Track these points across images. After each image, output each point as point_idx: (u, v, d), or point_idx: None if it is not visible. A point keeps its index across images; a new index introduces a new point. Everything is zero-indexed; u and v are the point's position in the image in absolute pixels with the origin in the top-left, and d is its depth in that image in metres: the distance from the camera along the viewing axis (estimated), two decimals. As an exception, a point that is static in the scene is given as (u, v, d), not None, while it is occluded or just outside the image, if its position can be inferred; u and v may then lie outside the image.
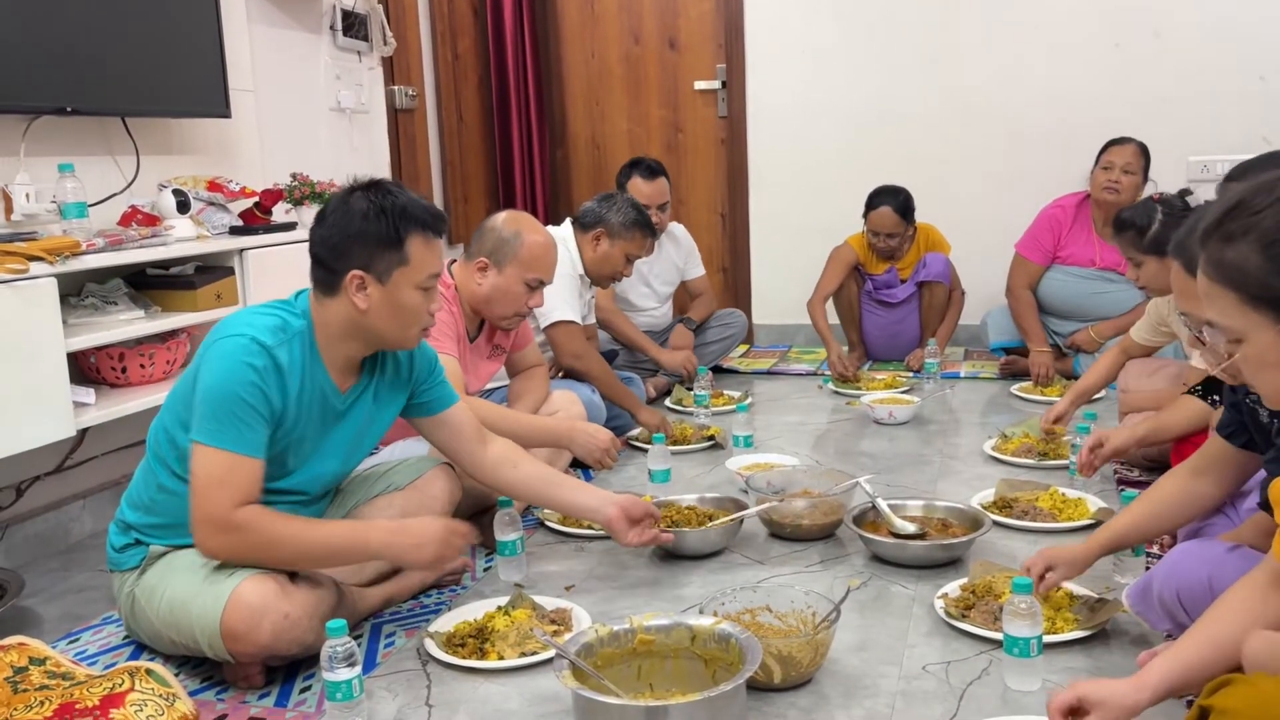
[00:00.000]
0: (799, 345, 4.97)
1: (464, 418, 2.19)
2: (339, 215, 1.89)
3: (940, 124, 4.63)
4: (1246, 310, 1.23)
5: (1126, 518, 1.92)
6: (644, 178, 3.98)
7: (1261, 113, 4.20)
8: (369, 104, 4.09)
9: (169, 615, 1.86)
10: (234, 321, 1.89)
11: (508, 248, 2.59)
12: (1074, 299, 3.93)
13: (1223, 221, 1.25)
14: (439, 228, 1.95)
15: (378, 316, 1.91)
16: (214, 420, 1.80)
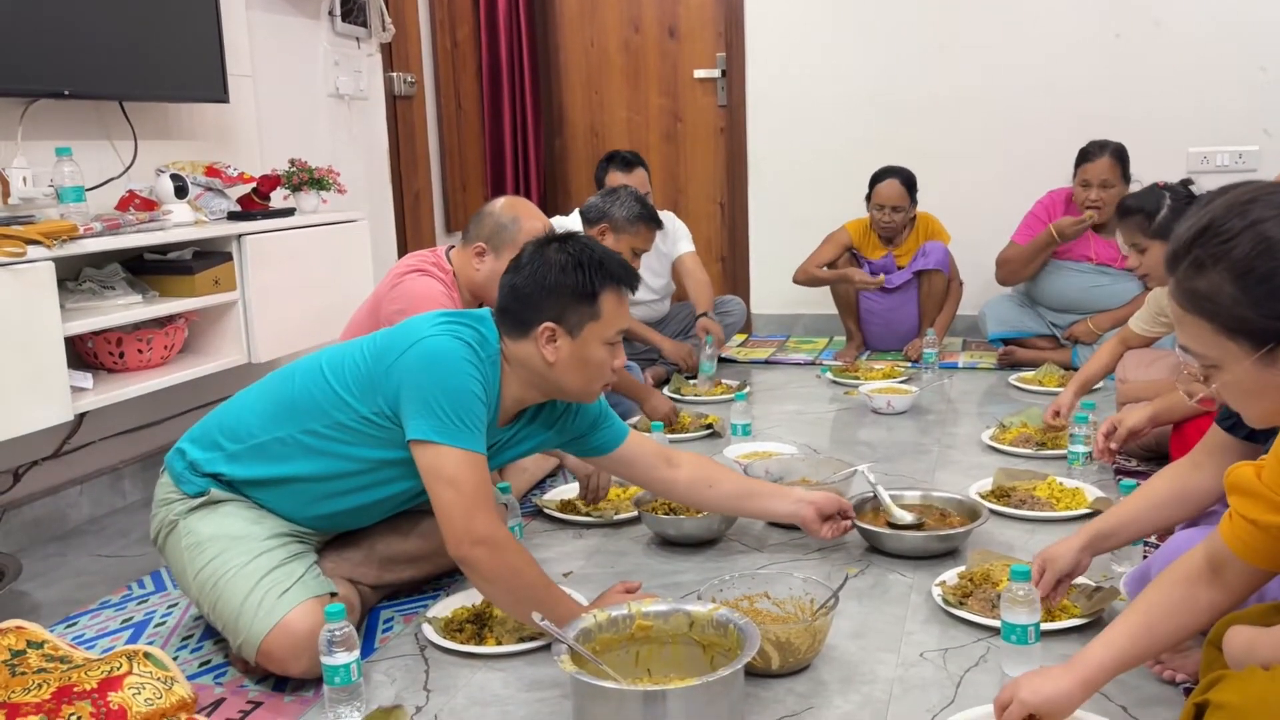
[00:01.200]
0: (797, 335, 4.97)
1: (643, 448, 2.17)
2: (535, 265, 1.87)
3: (940, 114, 4.62)
4: (1221, 340, 1.19)
5: (1121, 511, 1.89)
6: (621, 170, 3.97)
7: (1262, 104, 4.20)
8: (367, 90, 4.08)
9: (210, 590, 1.84)
10: (434, 322, 1.85)
11: (505, 233, 2.59)
12: (1071, 292, 3.93)
13: (1192, 247, 1.21)
14: (633, 284, 1.93)
15: (564, 370, 1.88)
16: (452, 419, 1.77)
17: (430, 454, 1.78)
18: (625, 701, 1.53)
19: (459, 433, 1.77)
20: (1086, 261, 3.89)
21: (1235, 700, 1.13)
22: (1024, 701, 1.35)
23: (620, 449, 2.14)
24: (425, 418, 1.77)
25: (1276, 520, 1.29)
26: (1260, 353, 1.15)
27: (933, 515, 2.40)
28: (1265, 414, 1.21)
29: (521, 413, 2.02)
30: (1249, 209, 1.17)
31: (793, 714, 1.69)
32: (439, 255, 2.65)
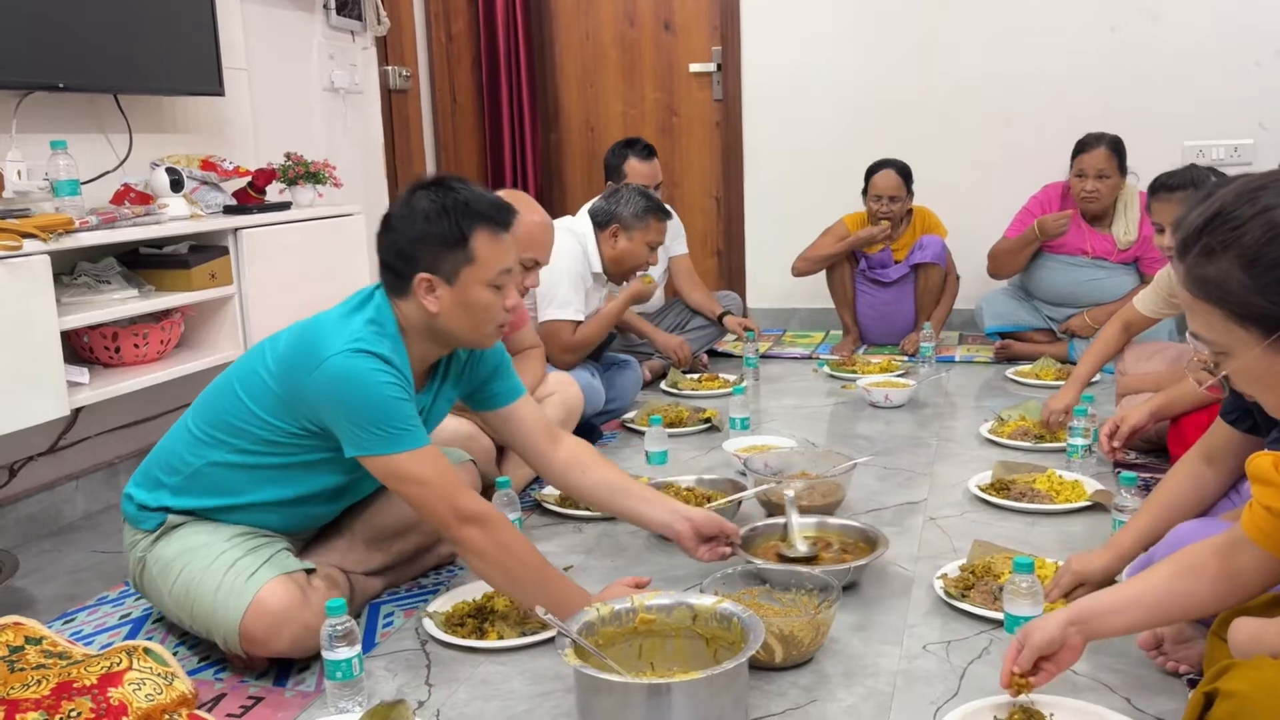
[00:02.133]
0: (793, 329, 4.97)
1: (531, 414, 2.15)
2: (403, 218, 1.85)
3: (936, 108, 4.62)
4: (1231, 326, 1.19)
5: (1146, 517, 1.90)
6: (640, 158, 3.97)
7: (1257, 98, 4.21)
8: (363, 84, 4.06)
9: (184, 598, 1.84)
10: (332, 335, 1.81)
11: None
12: (1068, 286, 3.93)
13: (1202, 234, 1.20)
14: (505, 221, 1.89)
15: (450, 318, 1.87)
16: (386, 430, 1.77)
17: (379, 465, 1.79)
18: (629, 694, 1.52)
19: (398, 438, 1.77)
20: (1083, 255, 3.88)
21: (1245, 689, 1.13)
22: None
23: (511, 408, 2.11)
24: (359, 435, 1.77)
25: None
26: (1270, 339, 1.14)
27: (827, 547, 2.20)
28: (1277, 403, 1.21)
29: (434, 372, 2.01)
30: (1259, 196, 1.17)
31: (796, 707, 1.68)
32: None
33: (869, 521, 2.33)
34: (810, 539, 2.21)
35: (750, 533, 2.20)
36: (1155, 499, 1.93)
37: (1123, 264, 3.86)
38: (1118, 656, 1.78)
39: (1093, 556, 1.92)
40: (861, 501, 2.59)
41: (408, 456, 1.78)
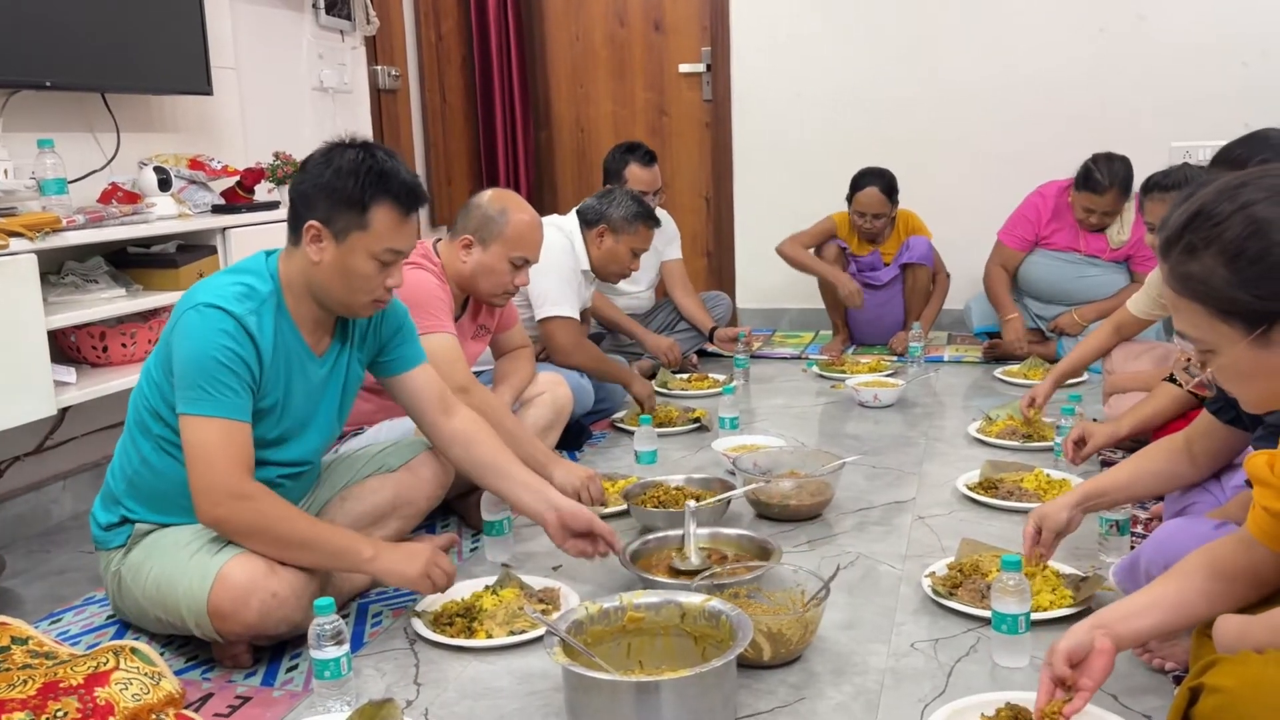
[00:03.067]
0: (783, 329, 4.97)
1: (426, 382, 2.15)
2: (318, 164, 1.88)
3: (924, 109, 4.63)
4: (1215, 323, 1.19)
5: (1114, 476, 1.97)
6: (641, 164, 3.97)
7: (1243, 99, 4.21)
8: (352, 84, 4.05)
9: (155, 593, 1.84)
10: (199, 290, 1.87)
11: (493, 225, 2.58)
12: (1058, 283, 3.94)
13: (1184, 232, 1.21)
14: (411, 204, 1.89)
15: (327, 273, 1.88)
16: (198, 389, 1.79)
17: (181, 424, 1.80)
18: (618, 693, 1.52)
19: (202, 400, 1.78)
20: (1075, 252, 3.90)
21: (1230, 684, 1.13)
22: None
23: (409, 374, 2.12)
24: (180, 391, 1.80)
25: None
26: (1254, 334, 1.15)
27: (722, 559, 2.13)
28: (1261, 397, 1.22)
29: (336, 335, 2.01)
30: (1239, 193, 1.18)
31: (785, 705, 1.69)
32: (427, 248, 2.63)
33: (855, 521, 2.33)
34: (704, 550, 2.16)
35: (643, 545, 2.16)
36: (1128, 462, 2.00)
37: (1114, 263, 3.87)
38: (1105, 654, 1.79)
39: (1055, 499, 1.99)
40: (850, 501, 2.59)
41: (198, 420, 1.78)
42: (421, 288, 2.50)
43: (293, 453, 2.00)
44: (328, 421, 2.06)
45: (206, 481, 1.78)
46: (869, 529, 2.44)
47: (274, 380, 1.89)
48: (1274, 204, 1.14)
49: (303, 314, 1.94)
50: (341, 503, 2.16)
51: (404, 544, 2.01)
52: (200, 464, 1.78)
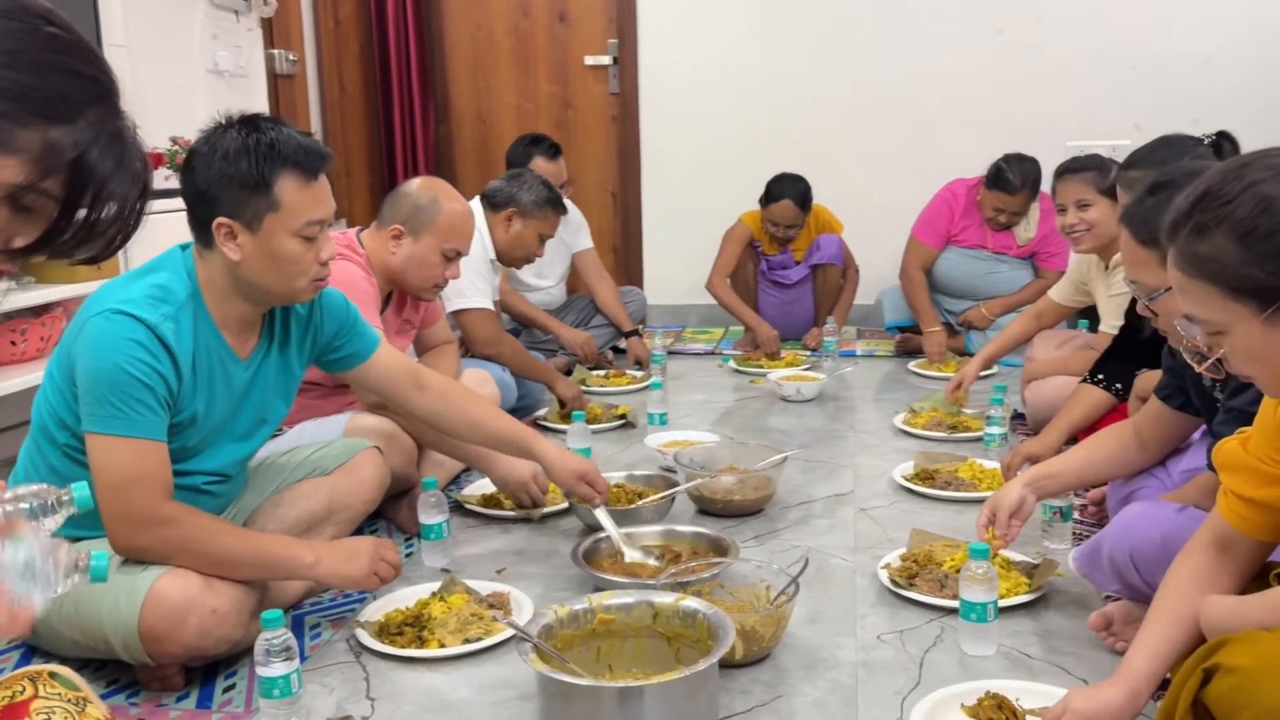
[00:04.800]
0: (693, 325, 4.95)
1: (392, 362, 2.05)
2: (203, 155, 1.71)
3: (833, 104, 4.68)
4: (1228, 302, 1.19)
5: (1065, 460, 2.00)
6: (546, 157, 3.89)
7: (1134, 100, 4.40)
8: (248, 67, 3.85)
9: (73, 615, 1.67)
10: (107, 293, 1.70)
11: (424, 215, 2.46)
12: (966, 278, 4.02)
13: (1192, 213, 1.21)
14: (315, 167, 1.74)
15: (254, 269, 1.74)
16: (107, 406, 1.63)
17: (90, 445, 1.65)
18: (600, 699, 1.45)
19: (100, 415, 1.64)
20: (983, 249, 3.99)
21: (1246, 663, 1.13)
22: (1078, 710, 1.33)
23: (371, 361, 2.02)
24: (87, 406, 1.65)
25: (1269, 493, 1.32)
26: (1268, 312, 1.15)
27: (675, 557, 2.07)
28: (1278, 378, 1.22)
29: (260, 335, 1.88)
30: (1244, 172, 1.18)
31: (763, 704, 1.64)
32: (351, 238, 2.50)
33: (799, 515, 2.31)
34: (657, 548, 2.12)
35: (595, 544, 2.10)
36: (1079, 446, 2.03)
37: (1020, 259, 3.98)
38: (1068, 639, 1.80)
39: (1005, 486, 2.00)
40: (790, 495, 2.57)
41: (108, 440, 1.63)
42: (347, 280, 2.36)
43: (214, 461, 1.85)
44: (254, 425, 1.91)
45: (121, 510, 1.63)
46: (813, 522, 2.42)
47: (193, 393, 1.74)
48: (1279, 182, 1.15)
49: (227, 316, 1.79)
50: (273, 509, 2.02)
51: (343, 542, 1.91)
52: (112, 491, 1.62)
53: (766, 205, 4.13)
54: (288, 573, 1.82)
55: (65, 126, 0.88)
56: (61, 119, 0.88)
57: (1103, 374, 2.50)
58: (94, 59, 0.93)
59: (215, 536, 1.71)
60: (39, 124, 0.86)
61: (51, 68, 0.88)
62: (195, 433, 1.78)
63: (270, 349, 1.89)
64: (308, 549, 1.80)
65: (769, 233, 4.22)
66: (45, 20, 0.89)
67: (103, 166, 1.22)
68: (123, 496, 1.62)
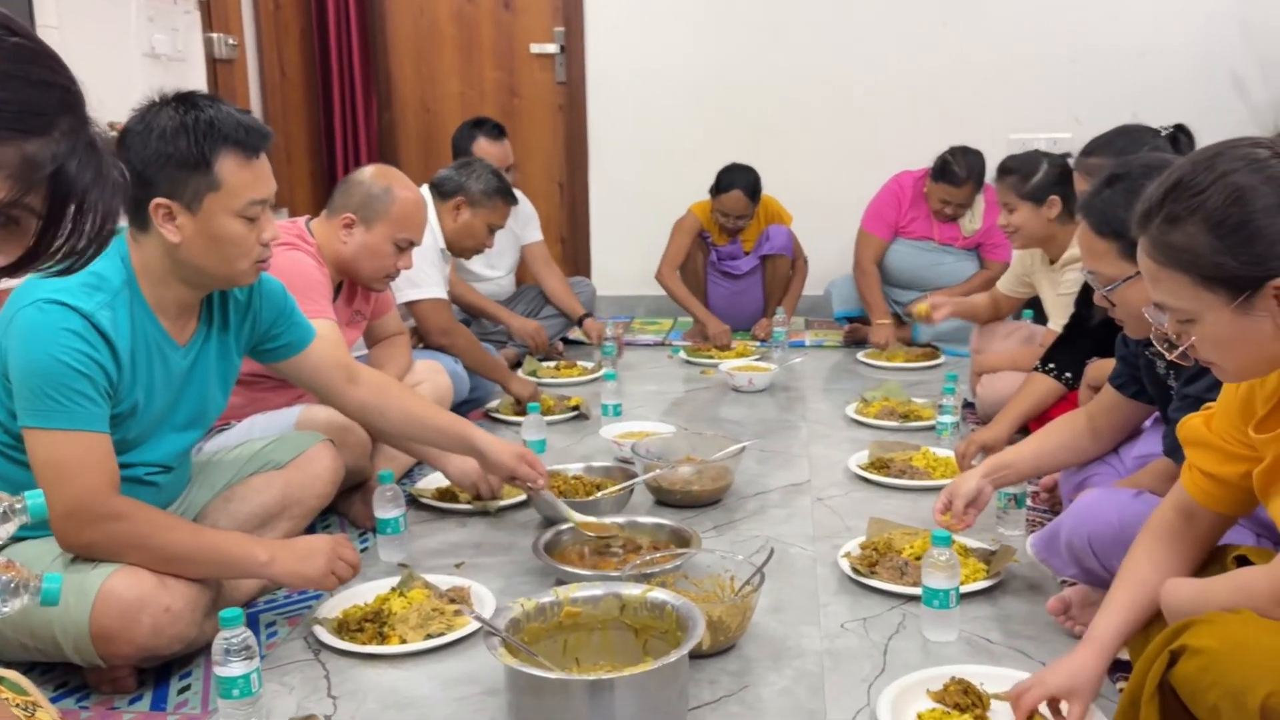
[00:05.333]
0: (641, 316, 4.94)
1: (326, 357, 2.00)
2: (138, 135, 1.64)
3: (781, 95, 4.69)
4: (1199, 291, 1.21)
5: (1019, 450, 2.02)
6: (490, 139, 3.85)
7: (1073, 93, 4.48)
8: (185, 51, 3.74)
9: (20, 618, 1.59)
10: (37, 284, 1.63)
11: (377, 204, 2.41)
12: (914, 270, 4.07)
13: (1165, 203, 1.23)
14: (257, 145, 1.69)
15: (194, 250, 1.68)
16: (46, 399, 1.57)
17: (31, 441, 1.60)
18: (572, 692, 1.43)
19: (39, 409, 1.58)
20: (930, 241, 4.03)
21: (1213, 645, 1.15)
22: (1047, 683, 1.37)
23: (304, 354, 1.98)
24: (23, 401, 1.59)
25: (1230, 470, 1.35)
26: (1238, 301, 1.17)
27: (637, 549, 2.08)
28: (1242, 366, 1.24)
29: (199, 320, 1.83)
30: (1215, 163, 1.20)
31: (731, 694, 1.64)
32: (301, 228, 2.44)
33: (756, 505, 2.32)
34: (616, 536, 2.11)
35: (557, 535, 2.09)
36: (1036, 437, 2.05)
37: (966, 250, 4.03)
38: (1027, 623, 1.83)
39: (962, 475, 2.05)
40: (747, 485, 2.58)
41: (59, 436, 1.57)
42: (298, 270, 2.31)
43: (156, 453, 1.79)
44: (196, 414, 1.86)
45: (67, 506, 1.56)
46: (771, 512, 2.42)
47: (133, 382, 1.68)
48: (1250, 172, 1.17)
49: (164, 301, 1.73)
50: (225, 504, 1.96)
51: (298, 540, 1.87)
52: (57, 486, 1.55)
53: (717, 196, 4.12)
54: (242, 571, 1.78)
55: (41, 139, 0.85)
56: (36, 132, 0.85)
57: (1053, 363, 2.53)
58: (59, 66, 0.90)
59: (167, 531, 1.66)
60: (15, 138, 0.83)
61: (20, 79, 0.85)
62: (135, 424, 1.72)
63: (210, 334, 1.84)
64: (262, 547, 1.76)
65: (719, 223, 4.22)
66: (8, 30, 0.86)
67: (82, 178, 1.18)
68: (68, 491, 1.56)
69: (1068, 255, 2.83)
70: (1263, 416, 1.31)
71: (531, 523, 2.37)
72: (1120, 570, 1.48)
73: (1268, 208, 1.15)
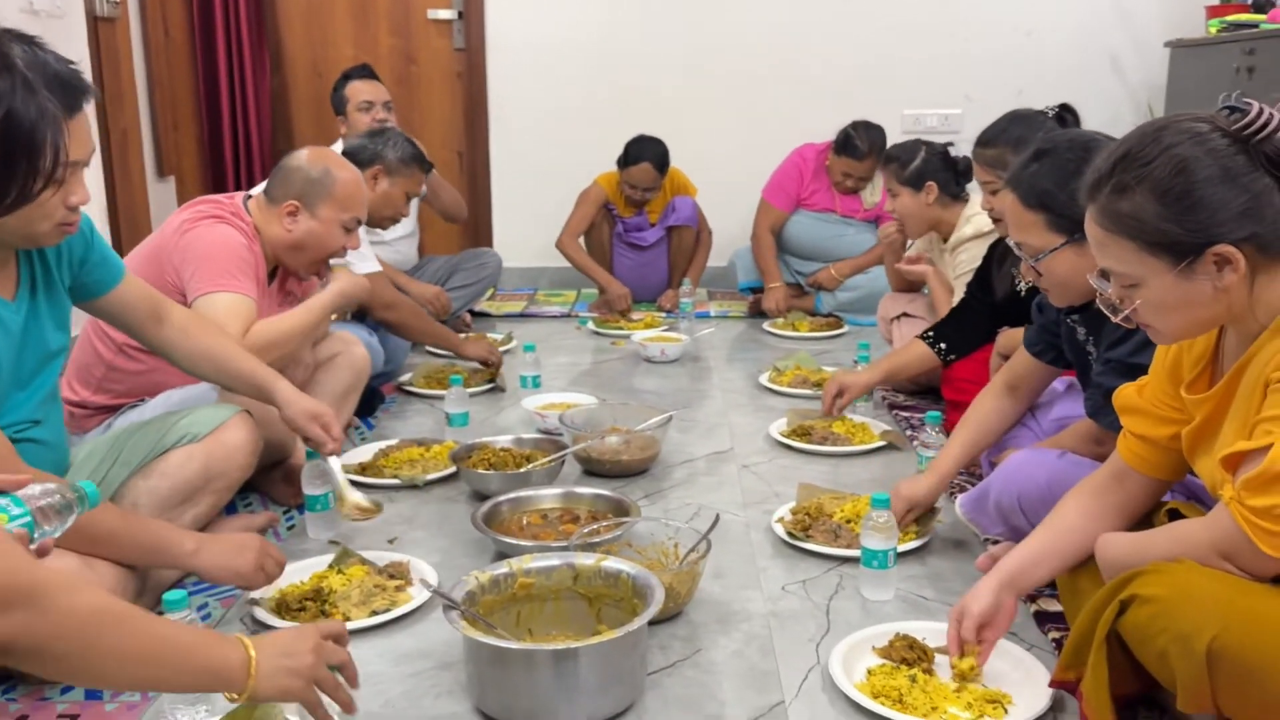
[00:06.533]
0: (544, 288, 4.91)
1: (134, 292, 1.90)
2: None
3: (684, 67, 4.69)
4: (1144, 257, 1.27)
5: (958, 444, 2.07)
6: (361, 78, 3.79)
7: (964, 71, 4.63)
8: (65, 7, 3.52)
9: None
10: None
11: (319, 187, 2.32)
12: (816, 241, 4.15)
13: (1113, 173, 1.29)
14: (72, 103, 1.55)
15: None
16: None
17: None
18: (535, 662, 1.44)
19: None
20: (831, 213, 4.12)
21: (1163, 593, 1.23)
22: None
23: (116, 291, 1.88)
24: None
25: (1161, 433, 1.43)
26: (1180, 266, 1.24)
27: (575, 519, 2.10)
28: (1181, 329, 1.31)
29: (18, 271, 1.72)
30: (1161, 135, 1.27)
31: (684, 658, 1.66)
32: (236, 205, 2.33)
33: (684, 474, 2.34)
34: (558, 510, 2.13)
35: (495, 508, 2.08)
36: (965, 426, 2.10)
37: (866, 222, 4.13)
38: (961, 580, 1.91)
39: (918, 482, 2.06)
40: (672, 454, 2.60)
41: None
42: (225, 243, 2.22)
43: (16, 413, 1.67)
44: (42, 361, 1.74)
45: None
46: (699, 480, 2.46)
47: None
48: (1194, 145, 1.24)
49: None
50: (144, 481, 1.88)
51: (227, 535, 1.81)
52: None
53: (625, 168, 4.12)
54: (167, 559, 1.71)
55: None
56: None
57: (934, 333, 2.63)
58: None
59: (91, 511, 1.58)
60: None
61: None
62: None
63: (34, 282, 1.73)
64: (189, 536, 1.71)
65: (626, 195, 4.22)
66: None
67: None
68: None
69: (956, 238, 2.95)
70: (1192, 379, 1.40)
71: (461, 496, 2.35)
72: (1046, 518, 1.56)
73: (1209, 178, 1.22)
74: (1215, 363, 1.38)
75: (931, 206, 3.01)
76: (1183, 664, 1.20)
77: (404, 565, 1.93)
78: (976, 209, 2.86)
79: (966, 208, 2.99)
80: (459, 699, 1.55)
